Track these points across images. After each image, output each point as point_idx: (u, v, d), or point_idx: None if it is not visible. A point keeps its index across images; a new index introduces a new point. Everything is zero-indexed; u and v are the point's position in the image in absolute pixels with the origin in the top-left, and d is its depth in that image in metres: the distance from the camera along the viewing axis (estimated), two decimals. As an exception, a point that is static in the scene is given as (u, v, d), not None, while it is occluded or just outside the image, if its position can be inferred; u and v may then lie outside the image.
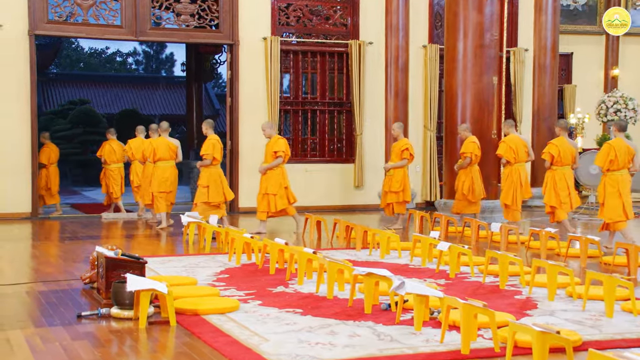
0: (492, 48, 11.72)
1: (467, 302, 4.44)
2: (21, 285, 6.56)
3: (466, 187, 11.04)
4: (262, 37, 13.87)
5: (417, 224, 10.45)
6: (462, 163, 11.13)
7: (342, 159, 14.69)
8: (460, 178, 11.15)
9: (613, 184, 8.96)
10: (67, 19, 12.93)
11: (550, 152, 9.90)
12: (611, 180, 8.97)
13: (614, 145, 8.94)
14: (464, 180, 11.08)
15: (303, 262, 6.58)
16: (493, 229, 9.06)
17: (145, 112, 28.87)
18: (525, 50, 15.64)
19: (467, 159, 11.05)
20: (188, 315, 5.28)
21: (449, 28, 11.94)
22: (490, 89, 11.70)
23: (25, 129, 12.57)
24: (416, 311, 4.84)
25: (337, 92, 14.90)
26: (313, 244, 9.47)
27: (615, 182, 8.95)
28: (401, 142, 11.31)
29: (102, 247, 5.96)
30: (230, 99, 13.93)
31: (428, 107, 14.97)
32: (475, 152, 11.05)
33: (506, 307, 5.59)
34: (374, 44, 14.60)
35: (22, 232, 11.13)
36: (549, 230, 8.36)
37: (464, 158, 11.09)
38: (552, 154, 9.88)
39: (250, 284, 6.53)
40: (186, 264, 7.68)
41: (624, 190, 8.92)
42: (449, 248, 7.08)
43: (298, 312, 5.41)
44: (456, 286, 6.50)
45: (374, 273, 5.49)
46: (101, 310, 5.30)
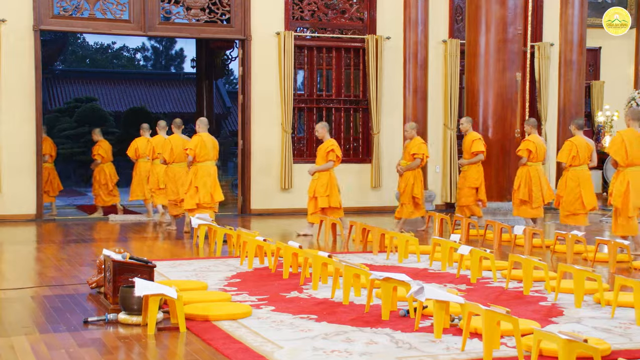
0: (516, 43, 11.68)
1: (489, 309, 4.42)
2: (26, 289, 6.60)
3: (416, 190, 10.90)
4: (275, 32, 13.89)
5: (437, 226, 10.43)
6: (410, 164, 10.97)
7: (358, 158, 14.68)
8: (409, 180, 10.95)
9: (574, 178, 9.92)
10: (73, 13, 13.00)
11: (527, 149, 10.65)
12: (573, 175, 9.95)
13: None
14: (413, 182, 10.93)
15: (318, 266, 6.59)
16: (516, 232, 9.02)
17: (153, 110, 28.95)
18: (551, 44, 15.57)
19: (416, 160, 10.97)
20: (198, 321, 5.29)
21: (470, 22, 11.91)
22: (514, 85, 11.66)
23: (29, 128, 12.64)
24: (436, 318, 4.83)
25: (354, 89, 14.89)
26: (328, 247, 9.47)
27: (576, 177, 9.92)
28: (327, 142, 10.69)
29: (110, 250, 5.99)
30: (242, 96, 13.96)
31: (448, 105, 14.94)
32: (426, 153, 11.07)
33: (531, 314, 5.57)
34: (392, 38, 14.58)
35: (27, 234, 11.20)
36: (575, 234, 8.32)
37: (413, 159, 10.98)
38: (530, 150, 10.65)
39: (263, 289, 6.54)
40: (196, 268, 7.70)
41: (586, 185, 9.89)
42: (470, 252, 7.06)
43: (313, 318, 5.42)
44: (478, 292, 6.48)
45: (392, 278, 5.49)
46: (108, 316, 5.32)
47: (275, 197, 13.77)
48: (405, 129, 11.54)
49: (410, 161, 11.09)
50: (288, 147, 13.77)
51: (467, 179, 11.27)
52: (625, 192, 8.65)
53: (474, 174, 11.22)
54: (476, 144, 11.18)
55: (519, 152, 10.79)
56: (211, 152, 10.38)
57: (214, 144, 10.51)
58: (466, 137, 11.38)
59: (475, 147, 11.17)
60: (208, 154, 10.33)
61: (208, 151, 10.32)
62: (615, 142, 8.76)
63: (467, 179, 11.27)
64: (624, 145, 8.67)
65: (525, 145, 10.72)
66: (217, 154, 10.61)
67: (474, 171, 11.23)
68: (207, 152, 10.31)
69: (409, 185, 10.97)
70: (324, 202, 10.41)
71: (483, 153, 11.19)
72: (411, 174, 11.01)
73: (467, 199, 11.24)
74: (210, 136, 10.54)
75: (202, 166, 10.28)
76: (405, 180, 11.03)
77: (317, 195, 10.52)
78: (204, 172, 10.27)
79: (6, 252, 9.53)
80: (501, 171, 11.42)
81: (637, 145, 8.68)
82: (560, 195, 10.09)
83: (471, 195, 11.22)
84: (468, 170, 11.26)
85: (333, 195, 10.52)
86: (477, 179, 11.21)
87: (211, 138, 10.51)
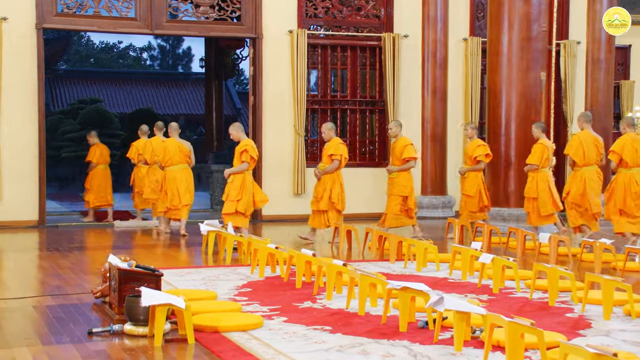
0: (540, 41, 11.65)
1: (512, 320, 4.41)
2: (27, 299, 6.63)
3: (335, 194, 10.56)
4: (288, 30, 13.92)
5: (457, 233, 10.40)
6: (328, 167, 10.59)
7: (374, 162, 14.68)
8: (327, 185, 10.58)
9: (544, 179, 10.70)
10: (77, 11, 13.09)
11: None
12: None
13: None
14: (332, 187, 10.57)
15: (332, 275, 6.59)
16: (541, 240, 8.99)
17: (160, 111, 29.08)
18: (577, 42, 15.52)
19: (335, 162, 10.61)
20: (207, 332, 5.30)
21: (492, 19, 11.89)
22: (538, 85, 11.63)
23: (32, 130, 12.72)
24: (456, 330, 4.82)
25: (369, 90, 14.90)
26: (343, 256, 9.46)
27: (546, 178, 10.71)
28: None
29: (115, 258, 6.01)
30: (252, 97, 13.99)
31: (469, 106, 14.92)
32: (345, 154, 10.68)
33: (556, 326, 5.55)
34: (410, 37, 14.58)
35: (29, 241, 11.27)
36: (603, 242, 8.28)
37: (331, 161, 10.62)
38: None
39: (275, 299, 6.54)
40: (205, 277, 7.72)
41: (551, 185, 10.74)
42: (492, 260, 7.04)
43: (327, 329, 5.41)
44: (500, 302, 6.46)
45: (410, 287, 5.48)
46: (114, 327, 5.34)
47: (288, 203, 13.78)
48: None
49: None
50: (301, 151, 13.80)
51: (395, 186, 10.94)
52: (583, 190, 10.13)
53: (402, 182, 10.91)
54: (408, 150, 10.89)
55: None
56: (175, 157, 11.66)
57: (181, 148, 11.72)
58: (397, 142, 11.07)
59: (407, 153, 10.88)
60: (172, 159, 11.64)
61: (172, 156, 11.64)
62: (574, 144, 10.15)
63: (395, 187, 10.94)
64: (582, 146, 10.06)
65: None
66: (184, 158, 11.78)
67: (404, 178, 10.93)
68: (170, 157, 11.64)
69: (327, 190, 10.55)
70: (236, 206, 10.25)
71: (415, 160, 10.92)
72: (329, 178, 10.61)
73: (394, 207, 10.91)
74: (177, 141, 11.76)
75: (168, 171, 11.68)
76: (322, 184, 10.60)
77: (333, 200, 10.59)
78: (169, 176, 11.66)
79: (7, 260, 9.58)
80: (525, 175, 11.36)
81: (592, 146, 10.14)
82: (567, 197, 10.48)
83: (398, 204, 10.90)
84: (397, 178, 10.94)
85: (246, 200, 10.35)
86: (406, 186, 10.89)
87: (177, 143, 11.73)
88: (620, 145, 9.93)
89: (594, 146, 10.43)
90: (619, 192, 9.92)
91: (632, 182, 9.88)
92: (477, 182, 11.47)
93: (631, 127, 10.08)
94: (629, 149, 9.87)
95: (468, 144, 11.81)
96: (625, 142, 9.90)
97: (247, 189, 10.33)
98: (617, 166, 9.97)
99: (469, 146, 11.59)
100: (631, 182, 9.88)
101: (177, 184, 11.63)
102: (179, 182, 11.63)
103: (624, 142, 9.91)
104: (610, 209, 10.00)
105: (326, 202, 10.53)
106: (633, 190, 9.83)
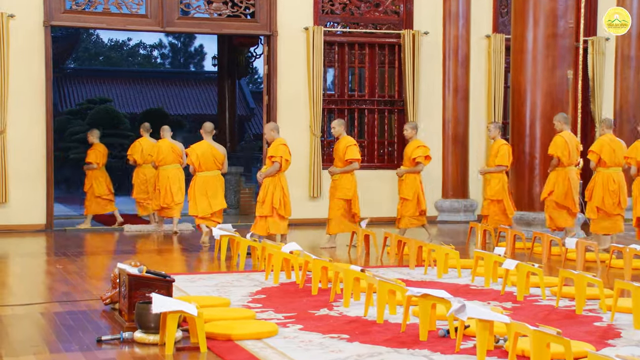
0: (567, 37, 11.60)
1: (538, 329, 4.39)
2: (35, 305, 6.67)
3: (276, 199, 10.25)
4: (304, 27, 13.94)
5: (480, 238, 10.37)
6: (269, 170, 10.35)
7: (393, 164, 14.64)
8: (268, 188, 10.30)
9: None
10: (86, 7, 13.15)
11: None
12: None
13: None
14: (273, 191, 10.31)
15: (349, 282, 6.59)
16: (568, 245, 8.96)
17: (172, 111, 29.18)
18: (606, 39, 15.44)
19: (275, 164, 10.35)
20: (220, 340, 5.31)
21: (516, 15, 11.86)
22: (565, 84, 11.59)
23: (39, 131, 12.78)
24: (479, 339, 4.81)
25: (388, 89, 14.89)
26: (361, 261, 9.46)
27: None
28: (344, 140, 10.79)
29: (125, 264, 6.04)
30: (267, 96, 14.02)
31: (492, 106, 14.87)
32: (286, 156, 10.40)
33: (584, 336, 5.52)
34: (430, 34, 14.56)
35: (36, 245, 11.33)
36: (633, 247, 8.23)
37: (272, 163, 10.39)
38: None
39: (290, 306, 6.55)
40: (218, 283, 7.74)
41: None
42: (517, 266, 7.02)
43: (344, 338, 5.42)
44: (525, 310, 6.45)
45: (430, 294, 5.47)
46: (123, 335, 5.36)
47: (304, 206, 13.77)
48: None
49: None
50: (317, 152, 13.80)
51: (337, 189, 10.71)
52: (568, 189, 10.51)
53: (346, 184, 10.66)
54: (351, 151, 10.64)
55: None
56: (168, 157, 12.55)
57: (174, 149, 12.64)
58: (339, 142, 10.87)
59: (349, 154, 10.62)
60: (165, 159, 12.54)
61: (165, 156, 12.54)
62: (560, 144, 10.48)
63: (337, 189, 10.71)
64: (567, 145, 10.45)
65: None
66: (177, 158, 12.65)
67: (347, 181, 10.68)
68: (164, 157, 12.53)
69: (269, 194, 10.32)
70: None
71: (358, 161, 10.68)
72: (271, 181, 10.38)
73: (336, 211, 10.68)
74: (169, 141, 12.72)
75: (162, 170, 12.58)
76: (264, 188, 10.35)
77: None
78: (163, 175, 12.56)
79: (14, 265, 9.65)
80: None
81: (575, 146, 10.61)
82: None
83: (341, 208, 10.67)
84: (339, 180, 10.70)
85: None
86: (350, 189, 10.65)
87: (170, 143, 12.67)
88: (599, 145, 10.47)
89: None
90: (598, 191, 10.46)
91: (610, 180, 10.41)
92: (415, 184, 10.98)
93: (609, 129, 10.56)
94: (607, 149, 10.40)
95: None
96: (603, 142, 10.46)
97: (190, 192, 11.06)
98: (596, 165, 10.50)
99: (408, 146, 11.15)
100: (609, 181, 10.42)
101: (170, 183, 12.47)
102: (172, 181, 12.50)
103: (603, 142, 10.47)
104: (590, 208, 10.57)
105: (268, 207, 10.30)
106: (611, 189, 10.42)
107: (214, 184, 11.06)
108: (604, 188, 10.41)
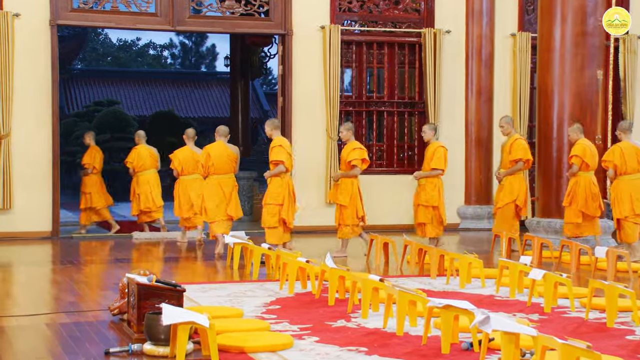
0: (597, 36, 11.56)
1: (566, 343, 4.37)
2: (40, 315, 6.70)
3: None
4: (320, 25, 13.96)
5: (505, 247, 10.33)
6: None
7: (413, 168, 14.61)
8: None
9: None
10: (94, 6, 13.22)
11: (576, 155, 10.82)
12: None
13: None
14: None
15: (368, 292, 6.58)
16: (598, 255, 8.91)
17: (182, 114, 29.29)
18: (639, 37, 15.38)
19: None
20: (233, 352, 5.32)
21: (543, 12, 11.83)
22: (594, 85, 11.54)
23: (45, 134, 12.84)
24: (504, 352, 4.79)
25: (408, 91, 14.88)
26: (379, 270, 9.45)
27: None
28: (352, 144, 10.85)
29: (134, 273, 6.06)
30: (281, 98, 14.04)
31: (517, 108, 14.84)
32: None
33: (615, 350, 5.50)
34: (453, 32, 14.55)
35: (41, 253, 11.38)
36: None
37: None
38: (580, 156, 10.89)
39: (306, 317, 6.55)
40: (230, 293, 7.75)
41: None
42: (544, 277, 6.99)
43: (362, 350, 5.41)
44: (553, 323, 6.42)
45: (453, 305, 5.46)
46: (132, 347, 5.37)
47: (320, 213, 13.76)
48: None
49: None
50: (334, 156, 13.80)
51: (267, 194, 10.53)
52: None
53: (276, 189, 10.42)
54: (276, 152, 10.40)
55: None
56: (147, 162, 13.29)
57: (151, 153, 13.41)
58: (346, 147, 10.88)
59: (275, 156, 10.38)
60: (145, 164, 13.28)
61: (144, 162, 13.28)
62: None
63: (267, 195, 10.53)
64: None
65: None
66: (155, 163, 13.44)
67: (277, 185, 10.42)
68: (143, 162, 13.27)
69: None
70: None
71: (283, 163, 10.38)
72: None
73: (270, 220, 10.45)
74: (147, 147, 13.45)
75: (141, 175, 13.29)
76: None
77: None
78: (142, 180, 13.26)
79: (18, 274, 9.70)
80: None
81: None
82: None
83: (275, 215, 10.41)
84: (270, 184, 10.52)
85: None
86: (280, 194, 10.41)
87: (148, 149, 13.41)
88: (582, 149, 10.73)
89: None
90: (581, 195, 10.75)
91: (591, 183, 10.79)
92: (352, 190, 10.74)
93: (625, 133, 10.68)
94: (589, 153, 10.74)
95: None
96: (585, 146, 10.77)
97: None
98: (578, 169, 10.79)
99: (345, 149, 10.98)
100: (590, 184, 10.78)
101: (150, 187, 13.23)
102: (152, 185, 13.30)
103: (584, 146, 10.77)
104: (572, 211, 10.83)
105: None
106: (593, 192, 10.78)
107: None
108: (586, 191, 10.74)
